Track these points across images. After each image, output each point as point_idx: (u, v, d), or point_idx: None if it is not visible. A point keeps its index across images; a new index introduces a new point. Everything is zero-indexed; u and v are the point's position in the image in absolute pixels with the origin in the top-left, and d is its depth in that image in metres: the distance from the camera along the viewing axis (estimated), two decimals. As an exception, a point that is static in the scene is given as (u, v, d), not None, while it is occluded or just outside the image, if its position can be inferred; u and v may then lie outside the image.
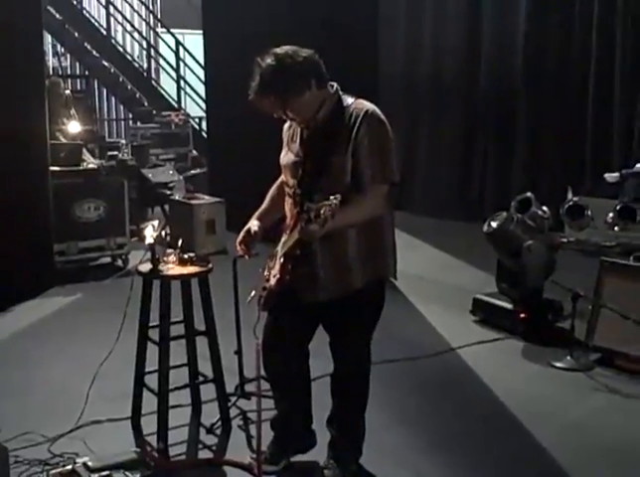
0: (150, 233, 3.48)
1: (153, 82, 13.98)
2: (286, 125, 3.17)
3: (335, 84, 3.01)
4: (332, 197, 2.53)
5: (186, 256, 3.59)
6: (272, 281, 2.97)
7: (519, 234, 5.17)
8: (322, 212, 2.50)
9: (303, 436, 3.36)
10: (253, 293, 3.13)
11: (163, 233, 3.47)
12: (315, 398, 3.36)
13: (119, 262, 7.15)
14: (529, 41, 9.02)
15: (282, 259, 2.92)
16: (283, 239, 2.97)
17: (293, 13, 7.62)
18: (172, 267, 3.55)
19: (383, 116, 2.93)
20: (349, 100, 2.97)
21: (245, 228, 3.21)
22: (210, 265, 3.60)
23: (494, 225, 5.21)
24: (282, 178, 3.25)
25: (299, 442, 3.36)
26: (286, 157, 3.09)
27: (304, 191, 2.92)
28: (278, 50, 2.90)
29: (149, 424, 3.67)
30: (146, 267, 3.54)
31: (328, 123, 2.93)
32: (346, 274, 2.96)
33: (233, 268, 3.97)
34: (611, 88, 11.19)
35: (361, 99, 2.99)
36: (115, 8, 13.71)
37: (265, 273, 3.10)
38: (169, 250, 3.60)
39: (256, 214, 3.28)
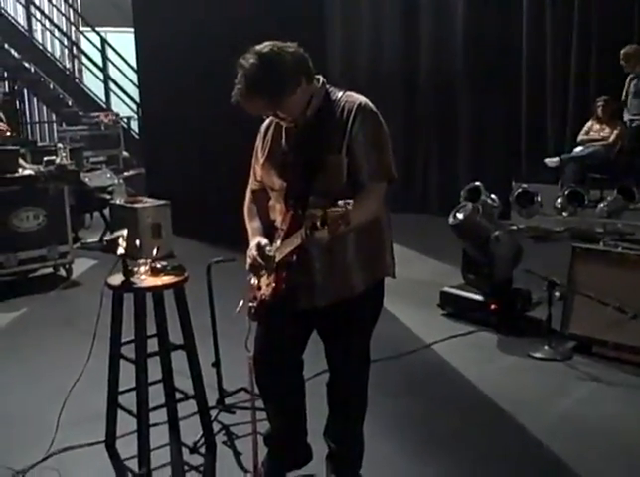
0: (122, 243, 3.24)
1: (77, 82, 13.48)
2: (265, 124, 2.95)
3: (321, 78, 2.81)
4: (342, 202, 2.26)
5: (159, 266, 3.36)
6: (266, 291, 2.77)
7: (485, 224, 5.10)
8: (332, 219, 2.28)
9: (299, 450, 3.18)
10: (242, 303, 2.92)
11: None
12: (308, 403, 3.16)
13: (62, 272, 6.82)
14: (467, 36, 8.85)
15: (276, 267, 2.72)
16: (276, 246, 2.77)
17: (227, 9, 7.32)
18: (145, 278, 3.32)
19: (375, 109, 2.76)
20: (338, 94, 2.77)
21: (253, 245, 2.83)
22: (186, 274, 3.37)
23: (460, 216, 5.10)
24: (253, 186, 3.01)
25: (295, 457, 3.18)
26: (271, 158, 2.86)
27: (297, 193, 2.71)
28: (262, 47, 2.62)
29: (126, 447, 3.42)
30: (117, 280, 3.29)
31: (318, 119, 2.72)
32: (346, 279, 2.78)
33: (207, 275, 3.76)
34: (543, 76, 11.41)
35: (350, 92, 2.80)
36: (35, 5, 13.14)
37: (253, 282, 2.90)
38: (141, 261, 3.36)
39: (252, 233, 2.92)
